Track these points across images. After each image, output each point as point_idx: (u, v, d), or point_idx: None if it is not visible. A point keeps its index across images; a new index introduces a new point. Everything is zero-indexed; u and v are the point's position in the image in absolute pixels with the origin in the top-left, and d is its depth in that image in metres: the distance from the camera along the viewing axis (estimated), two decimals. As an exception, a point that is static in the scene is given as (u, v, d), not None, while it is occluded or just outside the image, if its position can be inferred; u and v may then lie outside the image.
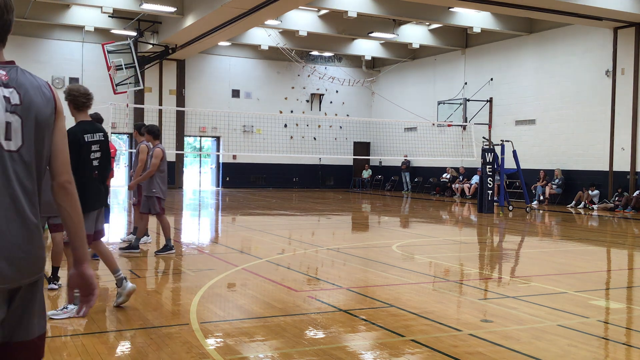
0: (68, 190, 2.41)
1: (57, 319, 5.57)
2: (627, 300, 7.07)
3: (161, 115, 27.09)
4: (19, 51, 25.72)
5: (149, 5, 20.94)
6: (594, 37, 21.56)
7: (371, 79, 30.90)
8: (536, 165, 23.08)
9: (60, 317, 5.59)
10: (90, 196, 5.78)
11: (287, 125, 30.15)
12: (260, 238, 12.09)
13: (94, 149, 5.79)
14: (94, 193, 5.85)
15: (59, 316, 5.60)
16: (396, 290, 7.19)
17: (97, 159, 5.82)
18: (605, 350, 5.08)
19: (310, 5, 21.00)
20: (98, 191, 5.91)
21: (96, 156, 5.81)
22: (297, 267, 8.84)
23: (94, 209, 5.87)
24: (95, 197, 5.86)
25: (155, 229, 12.93)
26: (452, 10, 22.51)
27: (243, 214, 17.29)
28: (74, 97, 5.70)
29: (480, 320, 5.82)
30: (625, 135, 20.43)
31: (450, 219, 17.78)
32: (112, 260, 6.05)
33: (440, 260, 9.61)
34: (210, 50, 28.35)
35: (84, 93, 5.74)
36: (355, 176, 31.83)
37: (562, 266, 9.33)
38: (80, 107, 5.75)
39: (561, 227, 15.62)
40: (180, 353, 4.67)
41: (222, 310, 6.20)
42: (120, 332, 5.29)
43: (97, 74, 25.97)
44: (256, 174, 30.09)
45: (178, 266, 8.80)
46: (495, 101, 25.36)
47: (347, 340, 5.14)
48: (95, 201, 5.86)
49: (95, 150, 5.79)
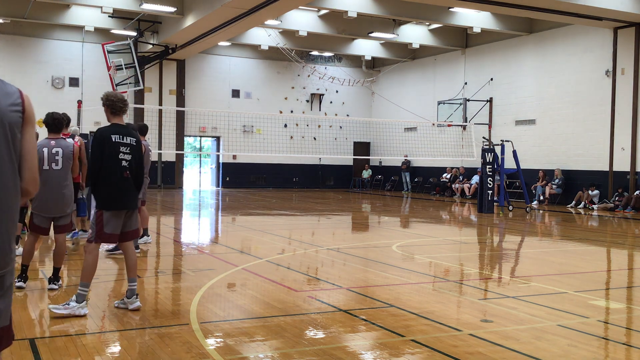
0: (25, 195, 2.54)
1: (57, 312, 5.61)
2: (627, 300, 7.07)
3: (161, 115, 27.09)
4: (19, 51, 25.74)
5: (149, 5, 20.94)
6: (594, 37, 21.56)
7: (371, 79, 30.89)
8: (536, 165, 23.08)
9: (60, 311, 5.61)
10: (116, 195, 5.83)
11: (287, 125, 30.15)
12: (260, 238, 12.09)
13: (123, 150, 5.88)
14: (120, 192, 5.87)
15: (59, 310, 5.63)
16: (396, 290, 7.18)
17: (127, 160, 5.89)
18: (605, 350, 5.08)
19: (310, 5, 21.00)
20: (126, 192, 5.91)
21: (126, 157, 5.89)
22: (297, 267, 8.84)
23: (116, 208, 5.85)
24: (120, 196, 5.86)
25: (156, 229, 12.93)
26: (452, 10, 22.51)
27: (243, 214, 17.29)
28: (112, 102, 5.93)
29: (480, 320, 5.82)
30: (625, 135, 20.43)
31: (450, 219, 17.78)
32: (134, 268, 6.04)
33: (440, 260, 9.61)
34: (210, 50, 28.35)
35: (120, 99, 6.00)
36: (355, 176, 31.83)
37: (562, 266, 9.33)
38: (116, 112, 5.98)
39: (561, 227, 15.62)
40: (180, 353, 4.67)
41: (222, 310, 6.20)
42: (121, 332, 5.28)
43: (97, 74, 25.98)
44: (256, 174, 30.09)
45: (178, 266, 8.80)
46: (495, 101, 25.36)
47: (347, 340, 5.14)
48: (122, 202, 5.87)
49: (124, 151, 5.89)
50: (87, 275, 5.81)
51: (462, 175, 26.52)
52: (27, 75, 25.77)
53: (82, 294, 5.71)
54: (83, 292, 5.74)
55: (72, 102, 22.58)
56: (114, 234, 5.90)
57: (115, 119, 5.98)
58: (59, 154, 6.78)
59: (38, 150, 6.69)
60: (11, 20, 24.21)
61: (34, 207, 6.73)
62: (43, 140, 6.83)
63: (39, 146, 6.72)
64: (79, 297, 5.68)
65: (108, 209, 5.82)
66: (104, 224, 5.82)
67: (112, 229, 5.85)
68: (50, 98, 25.84)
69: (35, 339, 4.95)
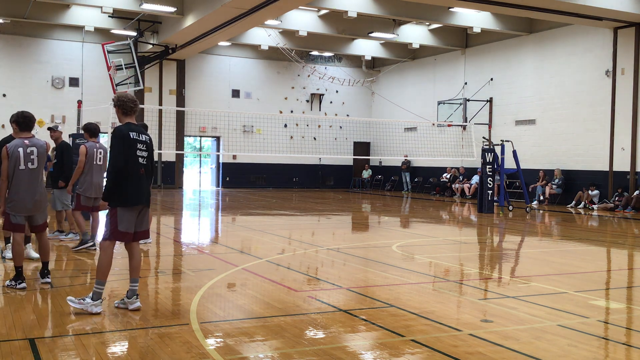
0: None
1: (71, 305, 5.75)
2: (627, 300, 7.07)
3: (161, 115, 27.10)
4: (19, 51, 25.74)
5: (149, 5, 20.94)
6: (594, 37, 21.56)
7: (371, 79, 30.90)
8: (536, 165, 23.08)
9: (75, 305, 5.74)
10: (134, 191, 5.91)
11: (287, 125, 30.15)
12: (260, 238, 12.09)
13: (140, 147, 5.99)
14: (138, 189, 5.95)
15: (74, 303, 5.76)
16: (396, 290, 7.18)
17: (143, 157, 6.01)
18: (605, 350, 5.08)
19: (310, 5, 21.00)
20: (141, 188, 6.00)
21: (142, 155, 6.00)
22: (297, 267, 8.84)
23: (134, 204, 5.95)
24: (138, 193, 5.95)
25: (156, 229, 12.93)
26: (452, 10, 22.51)
27: (243, 214, 17.29)
28: (123, 102, 6.05)
29: (480, 320, 5.82)
30: (625, 135, 20.43)
31: (450, 219, 17.77)
32: (138, 269, 6.10)
33: (440, 260, 9.61)
34: (210, 50, 28.36)
35: (131, 99, 6.12)
36: (355, 176, 31.84)
37: (562, 266, 9.33)
38: (128, 112, 6.08)
39: (561, 227, 15.61)
40: (180, 353, 4.67)
41: (222, 310, 6.20)
42: (120, 332, 5.28)
43: (97, 74, 26.00)
44: (256, 174, 30.09)
45: (178, 266, 8.80)
46: (495, 101, 25.36)
47: (347, 340, 5.14)
48: (137, 197, 5.95)
49: (141, 148, 5.99)
50: (103, 273, 5.89)
51: (462, 175, 26.52)
52: (27, 75, 25.78)
53: (97, 292, 5.79)
54: (99, 290, 5.82)
55: (72, 102, 22.60)
56: (129, 232, 5.96)
57: (127, 119, 6.08)
58: (34, 153, 6.82)
59: (14, 151, 6.69)
60: (11, 20, 24.21)
61: (9, 207, 6.74)
62: (16, 141, 6.84)
63: (14, 146, 6.74)
64: (95, 295, 5.78)
65: (124, 205, 5.89)
66: (118, 222, 5.89)
67: (126, 227, 5.92)
68: (50, 98, 25.87)
69: (35, 339, 4.95)
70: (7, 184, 6.75)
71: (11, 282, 6.79)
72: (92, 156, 9.35)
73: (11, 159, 6.71)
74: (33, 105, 23.89)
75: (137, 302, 5.91)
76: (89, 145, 9.41)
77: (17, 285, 6.73)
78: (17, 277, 6.79)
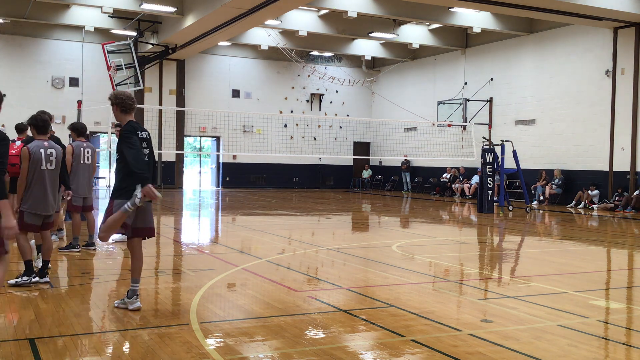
0: None
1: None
2: (627, 300, 7.07)
3: (161, 115, 27.10)
4: (19, 51, 25.75)
5: (149, 5, 20.94)
6: (594, 37, 21.56)
7: (371, 79, 30.90)
8: (536, 165, 23.09)
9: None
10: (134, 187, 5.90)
11: (287, 125, 30.15)
12: (260, 238, 12.09)
13: (144, 144, 6.05)
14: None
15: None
16: (396, 290, 7.18)
17: (146, 154, 6.05)
18: (605, 350, 5.08)
19: (310, 5, 21.00)
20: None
21: (145, 151, 6.05)
22: (297, 267, 8.84)
23: None
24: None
25: (156, 229, 12.92)
26: (452, 10, 22.51)
27: (243, 214, 17.29)
28: (121, 100, 6.06)
29: (480, 320, 5.82)
30: (625, 135, 20.43)
31: (450, 219, 17.77)
32: (139, 270, 6.11)
33: (440, 260, 9.61)
34: (210, 50, 28.36)
35: (129, 96, 6.15)
36: (355, 176, 31.83)
37: (562, 266, 9.33)
38: (127, 110, 6.09)
39: (561, 227, 15.61)
40: (180, 353, 4.67)
41: (222, 310, 6.20)
42: (121, 332, 5.28)
43: (97, 74, 25.99)
44: (256, 174, 30.09)
45: (178, 266, 8.80)
46: (495, 101, 25.36)
47: (347, 340, 5.14)
48: None
49: (144, 146, 6.05)
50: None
51: (462, 175, 26.51)
52: (27, 75, 25.79)
53: (133, 290, 5.96)
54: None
55: (72, 102, 22.61)
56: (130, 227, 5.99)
57: (127, 117, 6.08)
58: (53, 154, 6.99)
59: (36, 152, 6.79)
60: (11, 20, 24.21)
61: (27, 206, 6.76)
62: (37, 142, 6.99)
63: (35, 147, 6.85)
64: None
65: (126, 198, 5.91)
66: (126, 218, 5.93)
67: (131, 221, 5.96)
68: (50, 98, 25.86)
69: (35, 339, 4.95)
70: (26, 184, 6.81)
71: (23, 277, 6.83)
72: (79, 155, 9.35)
73: (32, 159, 6.81)
74: (33, 105, 23.87)
75: (137, 302, 5.92)
76: (75, 144, 9.40)
77: (32, 279, 6.82)
78: (28, 272, 6.84)
